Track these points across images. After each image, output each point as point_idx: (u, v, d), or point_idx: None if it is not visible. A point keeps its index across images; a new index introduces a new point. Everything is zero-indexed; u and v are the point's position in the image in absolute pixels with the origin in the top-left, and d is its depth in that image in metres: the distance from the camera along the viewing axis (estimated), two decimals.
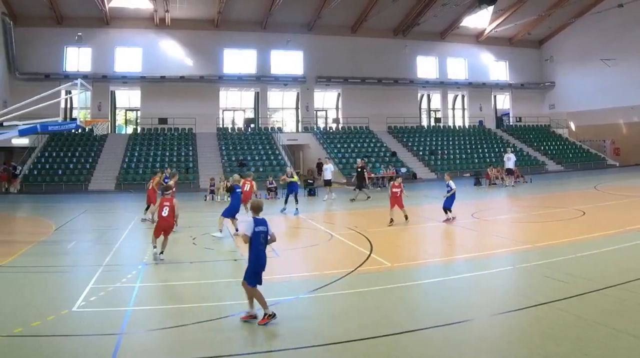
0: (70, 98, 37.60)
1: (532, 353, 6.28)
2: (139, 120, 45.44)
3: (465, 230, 16.08)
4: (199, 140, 42.22)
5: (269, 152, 41.04)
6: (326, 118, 50.71)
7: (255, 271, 7.77)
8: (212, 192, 27.87)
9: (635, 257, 11.37)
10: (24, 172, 35.51)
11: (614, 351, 6.31)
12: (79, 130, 36.75)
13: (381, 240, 14.12)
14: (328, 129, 48.43)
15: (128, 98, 46.62)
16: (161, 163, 36.24)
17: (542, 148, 48.08)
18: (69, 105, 40.91)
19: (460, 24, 49.31)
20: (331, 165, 27.07)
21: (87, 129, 22.43)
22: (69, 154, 38.16)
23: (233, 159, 39.05)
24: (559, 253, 11.59)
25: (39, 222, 19.71)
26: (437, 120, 52.50)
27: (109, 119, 42.85)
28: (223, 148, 41.15)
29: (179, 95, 43.71)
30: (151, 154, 39.33)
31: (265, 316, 7.49)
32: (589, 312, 7.70)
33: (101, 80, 42.19)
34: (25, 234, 17.05)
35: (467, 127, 52.33)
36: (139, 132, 44.04)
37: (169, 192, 12.68)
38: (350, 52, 47.76)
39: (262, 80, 46.64)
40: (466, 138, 48.42)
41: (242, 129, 46.51)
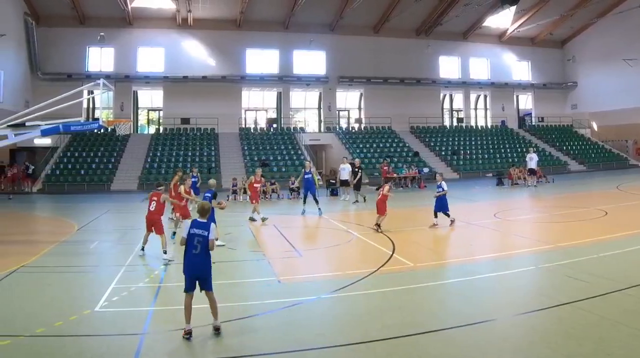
0: (93, 98, 36.28)
1: (555, 353, 6.13)
2: (161, 120, 44.32)
3: (487, 230, 15.67)
4: (221, 140, 40.91)
5: (292, 152, 39.70)
6: (348, 118, 49.00)
7: (186, 275, 7.16)
8: (235, 192, 27.28)
9: None
10: (47, 172, 34.67)
11: (636, 351, 6.18)
12: (101, 130, 35.77)
13: (404, 240, 13.77)
14: (350, 129, 46.82)
15: (150, 98, 45.28)
16: (183, 163, 35.25)
17: (565, 148, 46.41)
18: (91, 105, 39.63)
19: (483, 24, 47.54)
20: (348, 165, 25.65)
21: (110, 129, 21.72)
22: (91, 154, 37.20)
23: (255, 159, 37.80)
24: (582, 253, 11.31)
25: (61, 222, 19.22)
26: (460, 120, 50.50)
27: (132, 118, 41.70)
28: (245, 148, 39.85)
29: (201, 95, 42.41)
30: (173, 154, 38.16)
31: (184, 330, 6.94)
32: (611, 312, 7.49)
33: (123, 80, 41.14)
34: (48, 234, 16.71)
35: (490, 127, 50.45)
36: (161, 132, 42.91)
37: (161, 188, 12.88)
38: (373, 52, 46.10)
39: (285, 80, 45.14)
40: (488, 138, 46.78)
41: (265, 129, 45.08)
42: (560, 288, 8.83)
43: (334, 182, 29.08)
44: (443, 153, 42.65)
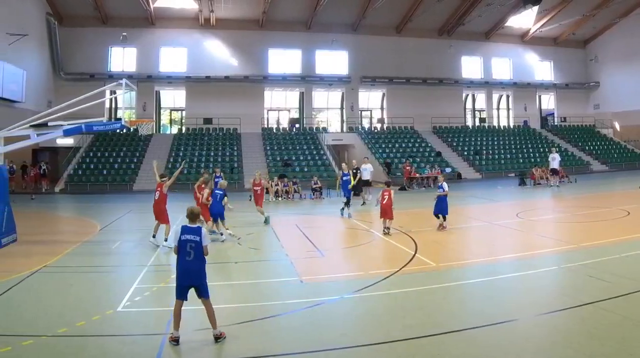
0: (115, 98, 35.20)
1: (577, 353, 5.93)
2: (183, 120, 42.60)
3: (510, 230, 15.12)
4: (243, 140, 39.21)
5: (314, 152, 37.99)
6: (371, 118, 46.86)
7: (177, 283, 6.78)
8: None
9: None
10: (69, 172, 33.49)
11: None
12: (124, 130, 34.07)
13: (426, 240, 13.36)
14: (373, 129, 44.74)
15: (173, 98, 43.48)
16: (206, 163, 33.89)
17: (587, 148, 44.29)
18: (113, 105, 38.38)
19: (505, 24, 45.41)
20: (369, 165, 24.17)
21: (132, 129, 20.53)
22: (114, 154, 35.92)
23: (278, 159, 36.30)
24: (604, 253, 10.96)
25: (83, 222, 18.77)
26: (482, 120, 48.21)
27: (154, 118, 40.37)
28: (268, 148, 38.21)
29: (223, 95, 40.68)
30: (196, 154, 36.61)
31: (171, 335, 6.56)
32: (634, 312, 7.28)
33: (146, 80, 39.48)
34: (70, 234, 16.24)
35: (512, 127, 48.22)
36: (183, 132, 41.25)
37: (165, 179, 13.42)
38: (395, 52, 44.05)
39: (307, 80, 43.24)
40: (511, 138, 44.68)
41: (287, 129, 43.21)
42: (583, 288, 8.55)
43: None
44: (465, 153, 40.92)
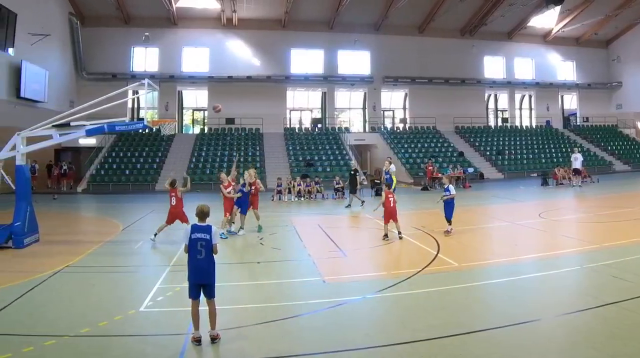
0: (138, 98, 33.56)
1: (600, 353, 5.63)
2: (206, 120, 40.81)
3: (532, 230, 14.57)
4: (266, 140, 37.44)
5: (336, 152, 36.13)
6: (393, 118, 44.73)
7: (190, 282, 6.40)
8: (280, 192, 25.55)
9: None
10: (91, 172, 32.20)
11: None
12: (146, 130, 33.66)
13: (448, 240, 12.90)
14: (395, 129, 42.72)
15: (195, 98, 41.65)
16: (228, 163, 32.05)
17: (609, 148, 42.09)
18: (136, 105, 36.72)
19: (528, 24, 43.14)
20: (393, 166, 22.58)
21: (154, 129, 19.50)
22: (136, 154, 34.45)
23: (300, 159, 34.59)
24: (627, 253, 10.50)
25: (106, 221, 18.31)
26: (504, 120, 45.88)
27: (176, 118, 38.66)
28: (290, 148, 36.44)
29: (246, 95, 38.78)
30: (218, 154, 34.93)
31: (192, 336, 6.26)
32: None
33: (168, 80, 37.87)
34: (93, 234, 15.93)
35: (534, 127, 45.90)
36: (206, 132, 39.48)
37: (176, 186, 13.43)
38: (417, 52, 41.92)
39: (329, 80, 41.19)
40: (533, 138, 42.49)
41: (309, 129, 41.28)
42: (606, 289, 8.17)
43: (378, 182, 26.59)
44: (488, 153, 38.95)
